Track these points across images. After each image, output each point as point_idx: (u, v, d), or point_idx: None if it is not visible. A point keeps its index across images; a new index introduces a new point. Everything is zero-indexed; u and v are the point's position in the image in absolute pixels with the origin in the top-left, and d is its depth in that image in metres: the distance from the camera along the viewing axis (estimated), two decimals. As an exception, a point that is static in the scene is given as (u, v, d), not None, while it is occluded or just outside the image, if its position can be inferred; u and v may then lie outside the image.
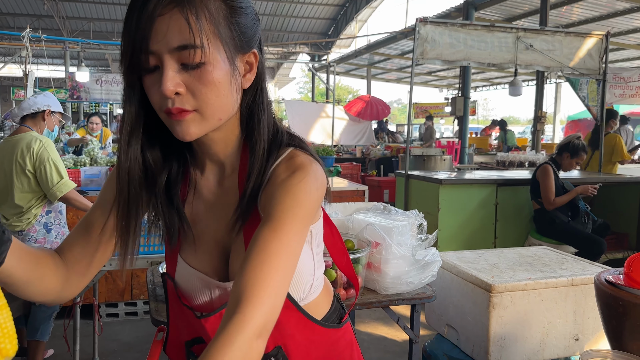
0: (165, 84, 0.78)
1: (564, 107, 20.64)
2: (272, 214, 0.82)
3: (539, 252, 2.54)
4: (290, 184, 0.84)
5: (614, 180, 5.36)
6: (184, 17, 0.77)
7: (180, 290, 0.99)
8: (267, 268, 0.76)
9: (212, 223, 0.96)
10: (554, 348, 2.15)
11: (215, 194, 0.96)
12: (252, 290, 0.74)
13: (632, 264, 1.23)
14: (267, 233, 0.79)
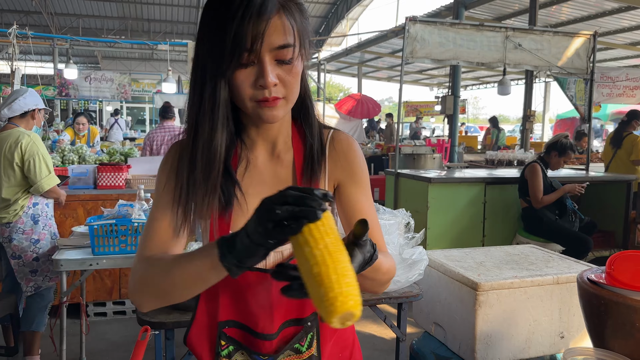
0: (268, 77, 0.91)
1: (553, 106, 20.81)
2: (357, 180, 1.10)
3: (525, 251, 2.56)
4: (356, 154, 1.11)
5: (601, 179, 5.40)
6: (285, 22, 0.92)
7: None
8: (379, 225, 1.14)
9: (266, 191, 0.95)
10: (539, 346, 2.17)
11: (269, 167, 1.07)
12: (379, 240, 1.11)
13: (614, 263, 1.24)
14: (362, 194, 1.10)
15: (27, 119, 3.30)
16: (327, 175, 1.08)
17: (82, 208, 4.07)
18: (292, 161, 1.08)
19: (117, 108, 16.95)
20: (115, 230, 2.59)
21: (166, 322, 1.73)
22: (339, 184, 1.10)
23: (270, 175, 1.07)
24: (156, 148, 5.48)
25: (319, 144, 1.08)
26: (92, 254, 2.61)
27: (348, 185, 1.10)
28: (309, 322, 1.06)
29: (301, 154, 1.07)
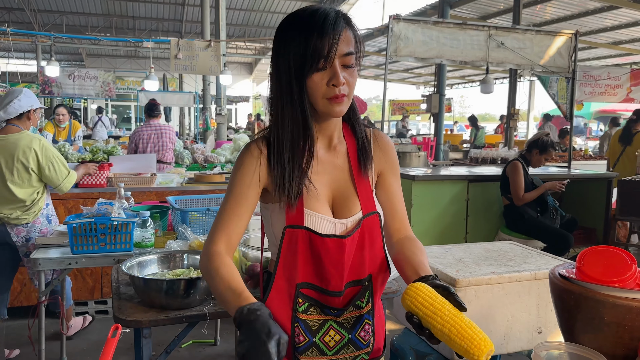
0: (339, 78, 1.16)
1: (537, 104, 20.98)
2: (395, 172, 1.40)
3: (504, 247, 2.58)
4: (394, 150, 1.41)
5: (581, 176, 5.47)
6: (349, 35, 1.19)
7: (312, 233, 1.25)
8: (404, 204, 1.43)
9: (326, 178, 1.30)
10: (517, 341, 2.19)
11: (327, 158, 1.31)
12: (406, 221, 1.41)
13: (584, 258, 1.26)
14: (397, 183, 1.41)
15: (24, 120, 3.33)
16: (374, 165, 1.36)
17: (63, 207, 4.03)
18: (346, 152, 1.34)
19: (101, 106, 16.79)
20: (95, 228, 2.56)
21: (142, 320, 1.72)
22: (381, 173, 1.39)
23: (329, 164, 1.31)
24: (142, 146, 5.44)
25: (366, 138, 1.36)
26: (71, 253, 2.58)
27: (388, 176, 1.39)
28: (366, 282, 1.31)
29: (353, 146, 1.34)
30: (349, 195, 1.30)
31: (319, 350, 1.27)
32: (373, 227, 1.31)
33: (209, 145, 7.18)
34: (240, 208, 1.26)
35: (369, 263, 1.31)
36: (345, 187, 1.31)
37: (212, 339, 3.78)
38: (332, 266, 1.25)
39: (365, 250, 1.29)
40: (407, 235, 1.38)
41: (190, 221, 2.72)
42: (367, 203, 1.31)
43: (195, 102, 13.31)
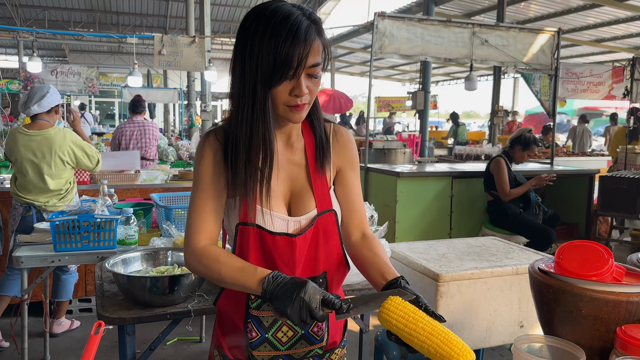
0: (302, 89, 1.16)
1: (522, 101, 21.18)
2: (354, 168, 1.39)
3: (487, 243, 2.61)
4: (354, 146, 1.40)
5: (564, 172, 5.54)
6: (319, 45, 1.17)
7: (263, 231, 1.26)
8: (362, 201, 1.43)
9: (283, 175, 1.30)
10: (499, 335, 2.22)
11: (284, 154, 1.31)
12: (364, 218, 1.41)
13: (563, 252, 1.28)
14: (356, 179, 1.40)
15: (52, 115, 3.54)
16: (332, 161, 1.35)
17: (46, 204, 3.98)
18: (304, 149, 1.33)
19: (84, 102, 16.58)
20: (78, 226, 2.54)
21: (126, 317, 1.71)
22: (340, 169, 1.38)
23: (286, 161, 1.31)
24: (125, 143, 5.39)
25: (325, 134, 1.34)
26: (54, 251, 2.56)
27: (347, 172, 1.38)
28: (320, 279, 1.31)
29: (311, 143, 1.33)
30: (304, 193, 1.30)
31: (271, 345, 1.30)
32: (328, 225, 1.31)
33: (193, 142, 7.15)
34: (213, 202, 1.25)
35: (323, 260, 1.31)
36: (301, 184, 1.31)
37: (197, 336, 3.77)
38: (284, 264, 1.26)
39: (319, 247, 1.30)
40: (366, 233, 1.39)
41: (175, 218, 2.71)
42: (323, 200, 1.31)
43: (180, 99, 13.22)
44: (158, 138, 5.71)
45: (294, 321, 1.05)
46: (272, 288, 1.08)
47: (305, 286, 1.06)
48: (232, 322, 1.32)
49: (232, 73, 1.21)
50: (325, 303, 1.06)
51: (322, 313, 1.05)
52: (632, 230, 5.69)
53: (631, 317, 1.15)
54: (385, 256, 1.30)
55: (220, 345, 1.36)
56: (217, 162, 1.25)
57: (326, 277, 1.32)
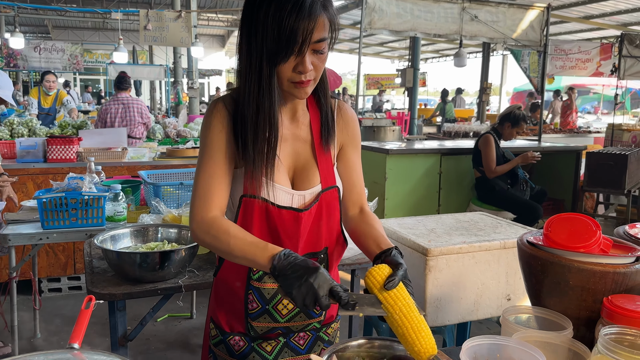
0: (307, 66, 1.14)
1: (510, 79, 21.19)
2: (356, 146, 1.40)
3: (475, 218, 2.63)
4: (356, 123, 1.41)
5: (551, 149, 5.58)
6: (325, 20, 1.14)
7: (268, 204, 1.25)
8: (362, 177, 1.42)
9: (288, 149, 1.30)
10: (487, 308, 2.25)
11: (290, 129, 1.30)
12: (363, 194, 1.41)
13: (551, 225, 1.29)
14: (357, 156, 1.41)
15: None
16: (336, 137, 1.35)
17: (32, 182, 3.94)
18: (309, 124, 1.33)
19: (68, 80, 16.30)
20: (65, 203, 2.51)
21: (116, 293, 1.71)
22: (342, 146, 1.39)
23: (291, 135, 1.31)
24: (110, 121, 5.31)
25: (330, 110, 1.34)
26: (42, 228, 2.54)
27: (349, 149, 1.39)
28: (322, 255, 1.33)
29: (317, 118, 1.33)
30: (309, 168, 1.30)
31: (271, 317, 1.31)
32: (331, 201, 1.32)
33: (181, 119, 7.07)
34: (223, 169, 1.23)
35: (325, 236, 1.32)
36: (306, 159, 1.31)
37: (188, 313, 3.79)
38: (288, 238, 1.27)
39: (322, 223, 1.31)
40: (363, 209, 1.40)
41: (163, 195, 2.69)
42: (327, 177, 1.32)
43: (167, 76, 13.04)
44: (147, 117, 5.60)
45: (297, 304, 1.04)
46: (283, 266, 1.07)
47: (317, 272, 1.04)
48: (232, 294, 1.32)
49: (239, 49, 1.20)
50: (333, 294, 1.04)
51: (327, 302, 1.04)
52: (617, 205, 5.77)
53: (617, 288, 1.17)
54: (381, 228, 1.31)
55: (216, 318, 1.37)
56: (227, 130, 1.23)
57: (327, 252, 1.34)
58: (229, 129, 1.23)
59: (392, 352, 1.16)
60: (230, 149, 1.23)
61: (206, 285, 1.84)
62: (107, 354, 0.95)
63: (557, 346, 1.12)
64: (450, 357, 1.26)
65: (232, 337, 1.34)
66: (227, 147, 1.23)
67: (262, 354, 1.34)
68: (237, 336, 1.33)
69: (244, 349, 1.33)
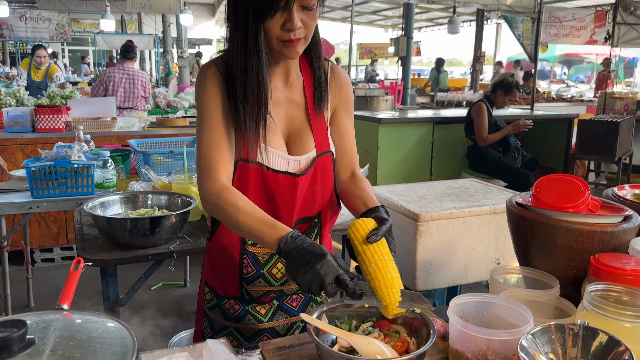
0: (294, 23, 1.10)
1: (503, 48, 21.03)
2: (348, 109, 1.38)
3: (465, 184, 2.64)
4: (350, 86, 1.38)
5: (544, 117, 5.57)
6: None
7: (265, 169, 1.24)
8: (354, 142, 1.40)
9: (282, 113, 1.28)
10: (476, 272, 2.28)
11: (284, 92, 1.28)
12: (355, 158, 1.38)
13: (540, 186, 1.29)
14: (350, 120, 1.38)
15: None
16: (329, 101, 1.33)
17: (21, 152, 3.90)
18: (302, 88, 1.30)
19: (55, 50, 16.00)
20: (55, 172, 2.49)
21: (107, 259, 1.72)
22: (335, 109, 1.36)
23: (285, 99, 1.28)
24: (112, 89, 5.22)
25: (324, 73, 1.31)
26: (32, 197, 2.52)
27: (342, 112, 1.36)
28: (315, 219, 1.33)
29: (310, 82, 1.30)
30: (303, 133, 1.29)
31: (265, 281, 1.32)
32: (326, 166, 1.31)
33: (171, 89, 6.98)
34: (225, 133, 1.20)
35: (319, 201, 1.32)
36: (300, 123, 1.29)
37: (182, 281, 3.81)
38: (284, 203, 1.26)
39: (317, 188, 1.30)
40: (355, 173, 1.38)
41: (154, 164, 2.67)
42: (322, 141, 1.30)
43: (156, 46, 12.83)
44: (149, 92, 5.52)
45: (303, 289, 1.01)
46: (289, 249, 1.03)
47: (324, 259, 1.00)
48: (227, 259, 1.32)
49: (227, 9, 1.17)
50: (339, 282, 1.00)
51: (334, 290, 1.00)
52: (607, 173, 5.81)
53: (605, 247, 1.18)
54: (371, 191, 1.30)
55: (211, 282, 1.38)
56: (221, 92, 1.21)
57: (321, 217, 1.34)
58: (223, 91, 1.21)
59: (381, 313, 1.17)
60: (227, 111, 1.21)
61: (197, 250, 1.85)
62: (96, 314, 0.96)
63: (544, 304, 1.13)
64: (438, 316, 1.27)
65: (227, 300, 1.35)
66: (223, 109, 1.21)
67: (257, 317, 1.35)
68: (232, 300, 1.34)
69: (238, 312, 1.34)
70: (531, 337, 0.91)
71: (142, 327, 3.18)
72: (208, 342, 1.01)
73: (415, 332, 1.11)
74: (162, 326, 3.25)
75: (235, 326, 1.35)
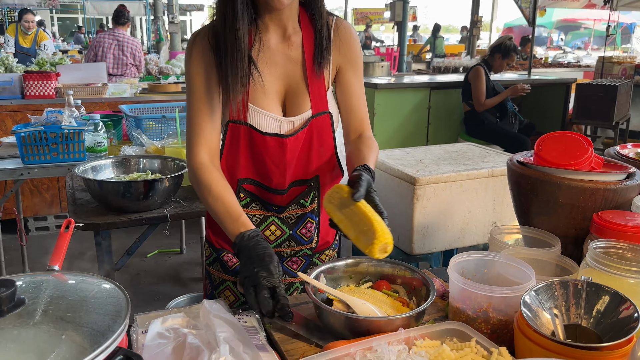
0: None
1: (500, 14, 20.73)
2: (355, 68, 1.29)
3: (463, 148, 2.61)
4: (356, 43, 1.29)
5: (541, 81, 5.51)
6: None
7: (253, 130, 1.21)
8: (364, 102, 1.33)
9: (279, 71, 1.22)
10: (473, 235, 2.27)
11: (280, 49, 1.21)
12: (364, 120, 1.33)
13: (542, 143, 1.26)
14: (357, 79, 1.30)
15: None
16: (332, 59, 1.25)
17: (10, 119, 3.83)
18: (301, 44, 1.22)
19: (43, 19, 15.63)
20: (45, 137, 2.44)
21: (100, 223, 1.69)
22: (340, 68, 1.28)
23: (282, 56, 1.22)
24: (102, 54, 5.11)
25: (327, 29, 1.23)
26: (22, 164, 2.48)
27: (347, 71, 1.28)
28: (312, 182, 1.29)
29: (310, 38, 1.23)
30: (300, 92, 1.23)
31: None
32: (323, 127, 1.25)
33: (162, 56, 6.83)
34: (208, 105, 1.19)
35: (316, 164, 1.28)
36: (297, 82, 1.23)
37: (178, 248, 3.80)
38: (274, 164, 1.23)
39: (312, 150, 1.25)
40: (363, 134, 1.32)
41: (146, 129, 2.62)
42: (319, 102, 1.24)
43: (146, 13, 12.55)
44: (140, 59, 5.39)
45: (242, 285, 1.02)
46: (242, 247, 1.06)
47: (267, 268, 1.00)
48: None
49: None
50: (273, 295, 0.99)
51: (265, 298, 0.97)
52: (604, 139, 5.79)
53: (607, 204, 1.16)
54: (372, 152, 1.25)
55: (209, 237, 1.37)
56: (206, 60, 1.17)
57: (318, 181, 1.29)
58: (209, 59, 1.17)
59: (380, 272, 1.15)
60: (211, 79, 1.18)
61: (192, 215, 1.82)
62: (88, 274, 0.93)
63: (545, 262, 1.12)
64: (437, 275, 1.26)
65: (226, 253, 1.34)
66: (206, 78, 1.18)
67: None
68: (231, 253, 1.33)
69: (237, 265, 1.33)
70: (534, 294, 0.89)
71: (139, 294, 3.19)
72: (204, 302, 0.99)
73: (415, 291, 1.09)
74: (159, 293, 3.26)
75: (233, 280, 1.34)
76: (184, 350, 0.88)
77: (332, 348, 0.86)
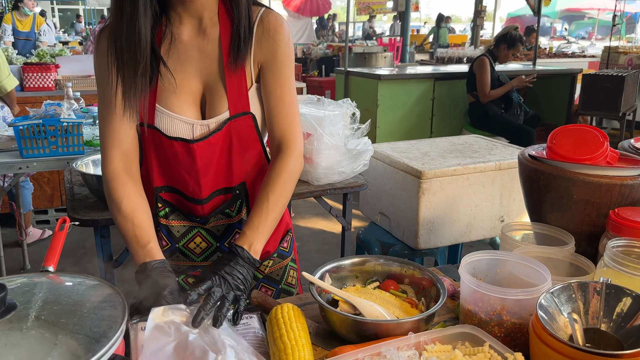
0: None
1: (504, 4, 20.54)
2: (277, 65, 1.11)
3: (469, 140, 2.56)
4: (282, 36, 1.10)
5: (546, 72, 5.44)
6: None
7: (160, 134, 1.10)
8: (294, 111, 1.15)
9: (194, 67, 1.09)
10: (480, 230, 2.23)
11: (195, 43, 1.09)
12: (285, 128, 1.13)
13: (556, 137, 1.22)
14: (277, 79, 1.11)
15: None
16: (253, 54, 1.11)
17: (10, 112, 3.79)
18: (219, 37, 1.09)
19: (44, 10, 15.55)
20: (44, 130, 2.40)
21: (99, 219, 1.65)
22: (262, 65, 1.12)
23: (197, 51, 1.09)
24: None
25: (247, 21, 1.08)
26: (21, 157, 2.44)
27: (266, 70, 1.12)
28: (237, 191, 1.17)
29: (228, 30, 1.09)
30: (216, 91, 1.10)
31: (184, 255, 1.22)
32: (243, 130, 1.11)
33: (165, 47, 6.78)
34: (110, 106, 1.07)
35: (240, 170, 1.16)
36: (214, 80, 1.10)
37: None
38: (185, 172, 1.12)
39: (234, 156, 1.13)
40: (283, 149, 1.14)
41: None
42: (237, 102, 1.10)
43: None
44: None
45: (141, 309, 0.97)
46: (141, 278, 1.00)
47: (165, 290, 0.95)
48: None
49: None
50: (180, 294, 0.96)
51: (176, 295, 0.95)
52: (610, 130, 5.73)
53: (624, 201, 1.11)
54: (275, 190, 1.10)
55: None
56: (110, 59, 1.04)
57: (245, 188, 1.18)
58: (112, 57, 1.04)
59: (387, 271, 1.11)
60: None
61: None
62: (83, 276, 0.89)
63: (559, 261, 1.08)
64: (445, 274, 1.22)
65: None
66: (108, 80, 1.06)
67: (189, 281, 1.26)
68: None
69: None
70: (550, 296, 0.85)
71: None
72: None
73: (424, 291, 1.05)
74: (161, 287, 3.23)
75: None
76: (185, 349, 0.84)
77: (339, 354, 0.83)
